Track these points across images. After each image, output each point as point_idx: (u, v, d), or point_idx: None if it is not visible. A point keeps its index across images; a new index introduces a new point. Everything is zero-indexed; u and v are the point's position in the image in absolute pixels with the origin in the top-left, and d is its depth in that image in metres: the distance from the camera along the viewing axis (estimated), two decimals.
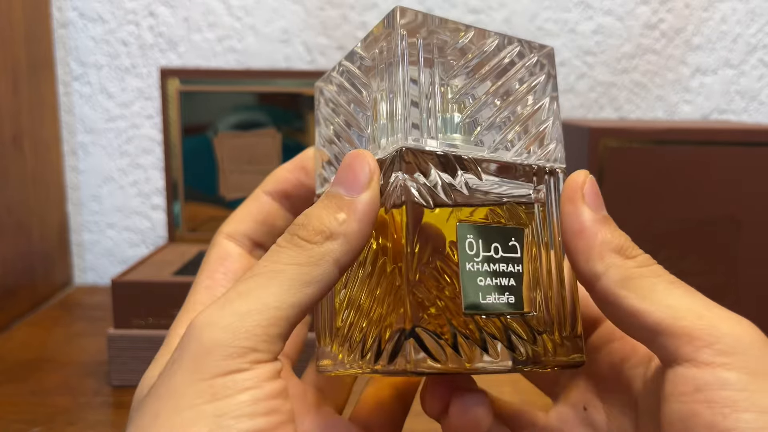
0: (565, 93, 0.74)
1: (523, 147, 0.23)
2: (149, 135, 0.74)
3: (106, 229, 0.76)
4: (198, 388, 0.18)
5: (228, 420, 0.18)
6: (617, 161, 0.51)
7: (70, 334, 0.60)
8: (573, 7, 0.73)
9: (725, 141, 0.51)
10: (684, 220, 0.52)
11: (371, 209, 0.21)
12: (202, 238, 0.66)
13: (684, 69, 0.74)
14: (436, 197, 0.21)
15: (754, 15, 0.74)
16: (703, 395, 0.19)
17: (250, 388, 0.19)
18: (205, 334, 0.19)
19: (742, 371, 0.19)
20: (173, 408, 0.18)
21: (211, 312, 0.20)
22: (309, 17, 0.72)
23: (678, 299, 0.20)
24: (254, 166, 0.65)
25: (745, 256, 0.52)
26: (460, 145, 0.22)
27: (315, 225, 0.21)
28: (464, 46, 0.23)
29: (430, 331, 0.20)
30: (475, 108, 0.23)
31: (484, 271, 0.21)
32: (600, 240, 0.21)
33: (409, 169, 0.21)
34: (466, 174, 0.22)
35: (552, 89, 0.25)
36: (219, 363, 0.19)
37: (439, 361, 0.20)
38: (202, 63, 0.73)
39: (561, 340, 0.22)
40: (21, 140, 0.64)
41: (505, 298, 0.22)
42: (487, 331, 0.21)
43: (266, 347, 0.19)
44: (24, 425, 0.44)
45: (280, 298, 0.20)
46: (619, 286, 0.21)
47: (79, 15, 0.72)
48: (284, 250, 0.21)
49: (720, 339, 0.19)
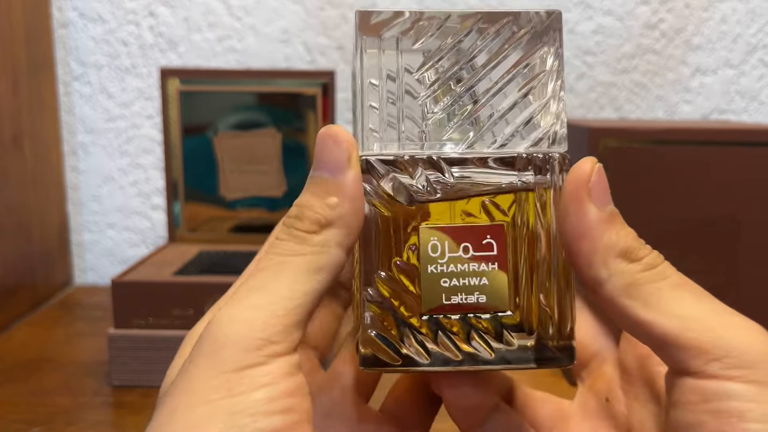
0: (565, 93, 0.74)
1: (507, 137, 0.22)
2: (149, 135, 0.74)
3: (106, 229, 0.76)
4: (214, 383, 0.18)
5: (243, 418, 0.18)
6: (617, 161, 0.51)
7: (70, 334, 0.60)
8: (573, 7, 0.73)
9: (725, 141, 0.51)
10: (684, 220, 0.52)
11: (359, 185, 0.21)
12: (202, 238, 0.66)
13: (684, 69, 0.74)
14: (393, 200, 0.21)
15: (754, 15, 0.74)
16: (710, 405, 0.18)
17: (266, 385, 0.18)
18: (221, 330, 0.19)
19: (752, 384, 0.18)
20: (188, 404, 0.18)
21: (227, 309, 0.19)
22: (309, 17, 0.72)
23: (685, 307, 0.19)
24: (254, 166, 0.65)
25: (745, 256, 0.52)
26: (428, 143, 0.22)
27: (309, 215, 0.21)
28: (439, 33, 0.22)
29: (381, 336, 0.21)
30: (447, 103, 0.22)
31: (449, 272, 0.21)
32: (604, 243, 0.20)
33: (366, 175, 0.21)
34: (429, 171, 0.21)
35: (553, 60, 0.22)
36: (235, 357, 0.18)
37: (391, 363, 0.21)
38: (202, 63, 0.73)
39: (544, 339, 0.22)
40: (21, 140, 0.64)
41: (474, 298, 0.21)
42: (451, 331, 0.21)
43: (283, 338, 0.19)
44: (24, 425, 0.44)
45: (291, 288, 0.20)
46: (623, 295, 0.20)
47: (79, 15, 0.72)
48: (285, 242, 0.21)
49: (729, 352, 0.18)
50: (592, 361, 0.26)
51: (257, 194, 0.65)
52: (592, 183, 0.21)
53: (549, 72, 0.22)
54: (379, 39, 0.22)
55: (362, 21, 0.22)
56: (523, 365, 0.22)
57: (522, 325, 0.22)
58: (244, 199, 0.65)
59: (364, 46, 0.22)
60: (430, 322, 0.21)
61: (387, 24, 0.22)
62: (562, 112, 0.22)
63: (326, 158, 0.21)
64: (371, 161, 0.21)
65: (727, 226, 0.52)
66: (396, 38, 0.22)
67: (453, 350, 0.21)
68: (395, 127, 0.22)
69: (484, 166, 0.22)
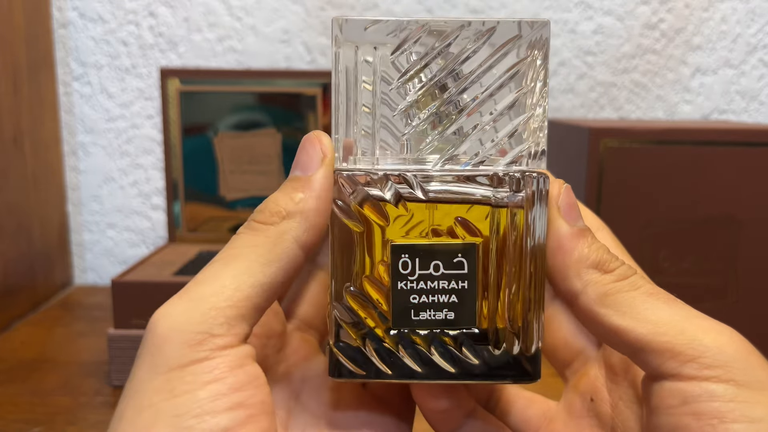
0: (565, 93, 0.74)
1: (487, 152, 0.22)
2: (149, 135, 0.74)
3: (106, 229, 0.76)
4: (155, 384, 0.18)
5: (189, 419, 0.17)
6: (617, 161, 0.51)
7: (70, 334, 0.60)
8: (573, 7, 0.73)
9: (725, 141, 0.51)
10: (684, 220, 0.52)
11: (329, 185, 0.21)
12: (202, 238, 0.66)
13: (684, 69, 0.74)
14: (363, 215, 0.21)
15: (754, 15, 0.74)
16: (690, 407, 0.19)
17: (210, 382, 0.18)
18: (159, 326, 0.18)
19: (728, 383, 0.18)
20: (135, 408, 0.18)
21: (167, 304, 0.19)
22: (309, 17, 0.72)
23: (658, 312, 0.20)
24: (254, 166, 0.65)
25: (745, 256, 0.52)
26: (406, 155, 0.22)
27: (271, 208, 0.21)
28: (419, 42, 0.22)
29: (350, 347, 0.22)
30: (426, 115, 0.22)
31: (419, 289, 0.22)
32: (577, 256, 0.21)
33: (338, 191, 0.21)
34: (401, 187, 0.21)
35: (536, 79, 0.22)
36: (175, 354, 0.18)
37: (358, 374, 0.22)
38: (202, 63, 0.73)
39: (509, 355, 0.22)
40: (21, 140, 0.64)
41: (442, 314, 0.22)
42: (417, 344, 0.22)
43: (225, 330, 0.18)
44: (24, 425, 0.44)
45: (238, 279, 0.19)
46: (598, 304, 0.20)
47: (79, 15, 0.72)
48: (241, 235, 0.20)
49: (704, 352, 0.19)
50: (575, 360, 0.26)
51: (257, 194, 0.65)
52: (560, 202, 0.22)
53: (532, 86, 0.22)
54: (357, 48, 0.22)
55: (340, 29, 0.21)
56: (487, 380, 0.22)
57: (489, 340, 0.22)
58: (244, 199, 0.65)
59: (341, 55, 0.22)
60: (398, 337, 0.22)
61: (365, 32, 0.22)
62: (543, 128, 0.22)
63: (302, 159, 0.21)
64: (345, 175, 0.21)
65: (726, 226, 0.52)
66: (374, 47, 0.22)
67: (418, 363, 0.22)
68: (371, 138, 0.22)
69: (459, 182, 0.22)
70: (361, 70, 0.22)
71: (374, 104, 0.22)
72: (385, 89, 0.22)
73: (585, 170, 0.51)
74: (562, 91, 0.74)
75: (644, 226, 0.52)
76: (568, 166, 0.56)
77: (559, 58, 0.73)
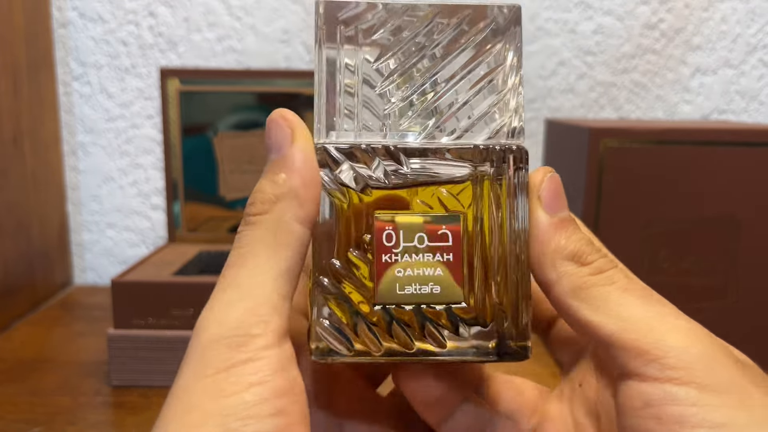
0: (566, 93, 0.74)
1: (465, 129, 0.22)
2: (149, 135, 0.74)
3: (105, 229, 0.76)
4: (203, 385, 0.18)
5: (234, 421, 0.17)
6: (617, 161, 0.51)
7: (70, 334, 0.60)
8: (573, 7, 0.73)
9: (725, 141, 0.51)
10: (684, 220, 0.52)
11: (307, 156, 0.21)
12: (202, 238, 0.66)
13: (684, 69, 0.74)
14: (350, 189, 0.21)
15: (754, 15, 0.74)
16: (652, 411, 0.18)
17: (254, 384, 0.18)
18: (202, 335, 0.19)
19: (690, 386, 0.18)
20: (183, 408, 0.18)
21: (203, 314, 0.19)
22: (309, 17, 0.72)
23: (631, 309, 0.20)
24: (254, 166, 0.65)
25: (745, 256, 0.52)
26: (386, 133, 0.22)
27: (259, 197, 0.20)
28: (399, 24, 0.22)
29: (334, 326, 0.21)
30: (405, 92, 0.22)
31: (404, 262, 0.21)
32: (553, 247, 0.21)
33: (321, 165, 0.21)
34: (386, 162, 0.21)
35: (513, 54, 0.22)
36: (220, 356, 0.18)
37: (343, 353, 0.21)
38: (202, 63, 0.73)
39: (499, 333, 0.21)
40: (21, 140, 0.64)
41: (428, 288, 0.21)
42: (403, 321, 0.21)
43: (262, 329, 0.19)
44: (24, 425, 0.44)
45: (257, 276, 0.19)
46: (571, 297, 0.20)
47: (79, 15, 0.72)
48: (243, 233, 0.20)
49: (668, 353, 0.19)
50: (566, 348, 0.26)
51: None
52: (542, 191, 0.21)
53: (508, 65, 0.22)
54: (339, 29, 0.22)
55: (323, 11, 0.22)
56: (477, 358, 0.21)
57: (477, 318, 0.21)
58: (244, 199, 0.65)
59: (323, 36, 0.22)
60: (384, 313, 0.21)
61: (347, 14, 0.22)
62: (521, 106, 0.22)
63: (272, 141, 0.21)
64: (328, 149, 0.21)
65: (726, 226, 0.52)
66: (355, 28, 0.22)
67: (406, 342, 0.21)
68: (353, 117, 0.22)
69: (441, 157, 0.22)
70: (341, 52, 0.22)
71: (358, 85, 0.22)
72: (368, 69, 0.22)
73: (585, 170, 0.51)
74: (562, 91, 0.74)
75: (644, 226, 0.52)
76: (568, 166, 0.56)
77: (559, 58, 0.73)
